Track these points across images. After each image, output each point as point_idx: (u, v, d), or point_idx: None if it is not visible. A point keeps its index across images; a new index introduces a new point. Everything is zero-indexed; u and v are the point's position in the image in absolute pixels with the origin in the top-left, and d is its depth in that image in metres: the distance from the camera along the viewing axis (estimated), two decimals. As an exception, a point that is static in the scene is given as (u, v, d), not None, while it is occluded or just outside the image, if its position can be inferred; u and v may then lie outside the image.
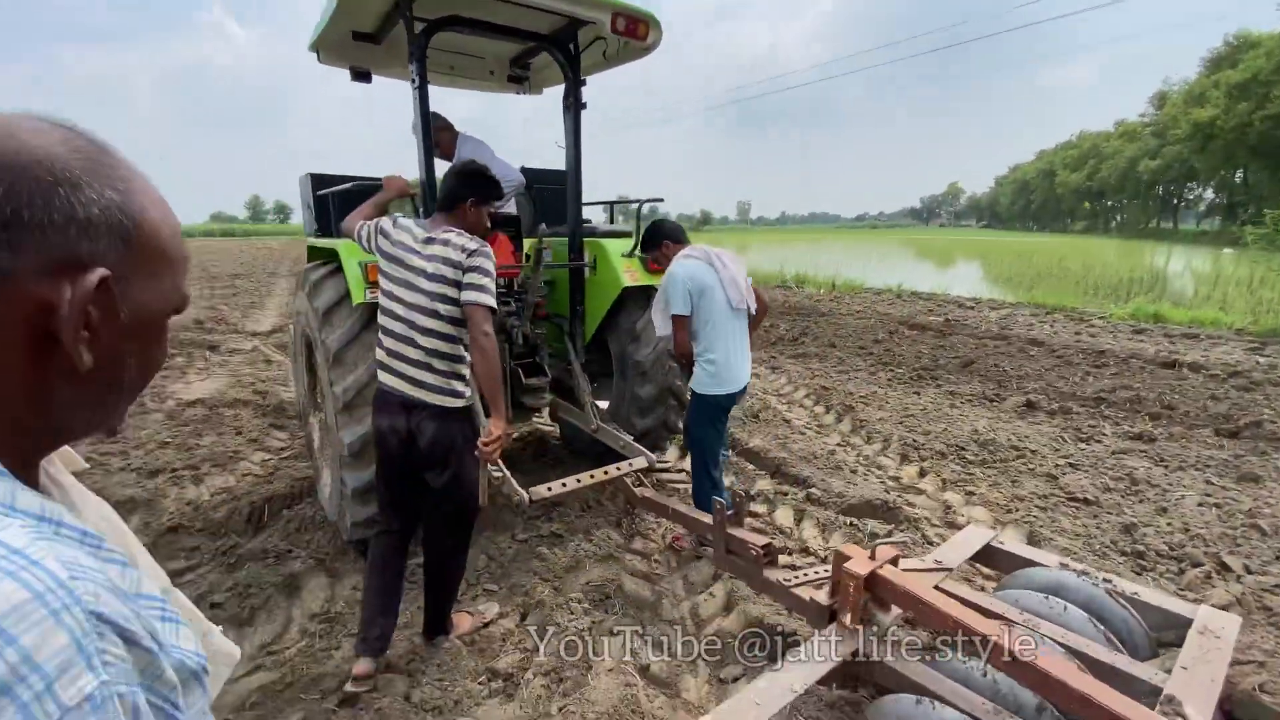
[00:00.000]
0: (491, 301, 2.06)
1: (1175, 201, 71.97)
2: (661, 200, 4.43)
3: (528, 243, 3.59)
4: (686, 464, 3.48)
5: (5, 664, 0.35)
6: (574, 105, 3.34)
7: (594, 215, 4.33)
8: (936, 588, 2.21)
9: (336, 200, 3.18)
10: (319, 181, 3.48)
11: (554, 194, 3.88)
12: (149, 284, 0.53)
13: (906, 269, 21.08)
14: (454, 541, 2.35)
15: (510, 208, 3.65)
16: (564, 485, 2.88)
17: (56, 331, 0.46)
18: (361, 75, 3.56)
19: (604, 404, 3.76)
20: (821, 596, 2.13)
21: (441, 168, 3.30)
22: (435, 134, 3.37)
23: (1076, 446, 4.51)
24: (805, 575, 2.36)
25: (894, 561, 2.07)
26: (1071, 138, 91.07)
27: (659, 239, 3.09)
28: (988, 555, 2.54)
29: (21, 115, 0.49)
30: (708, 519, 2.58)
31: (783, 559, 3.09)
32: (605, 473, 3.12)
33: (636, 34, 3.06)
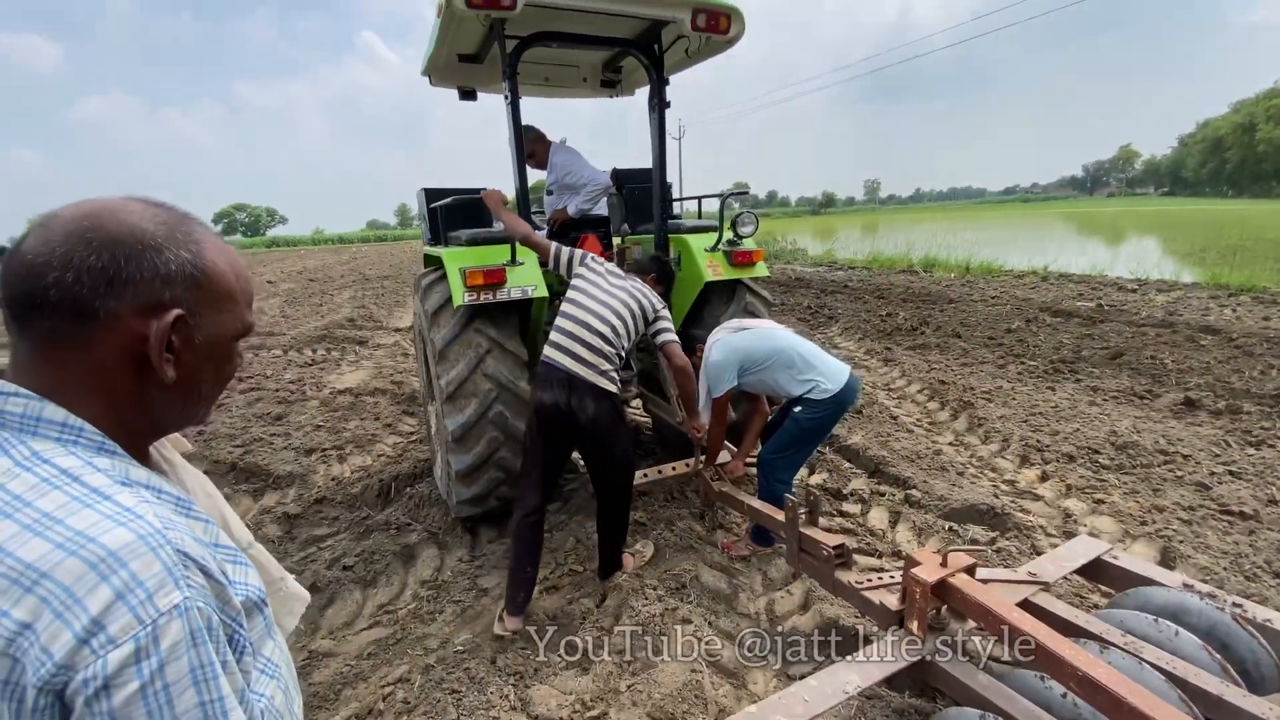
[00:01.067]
0: (677, 338, 2.76)
1: None
2: (745, 192, 4.38)
3: (616, 242, 3.72)
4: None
5: (120, 580, 0.54)
6: (659, 105, 3.41)
7: (710, 206, 4.36)
8: (1027, 601, 2.07)
9: (443, 212, 3.51)
10: (431, 195, 3.85)
11: (645, 193, 3.98)
12: (217, 317, 0.71)
13: (1059, 247, 18.83)
14: (619, 500, 2.73)
15: (601, 209, 3.80)
16: (644, 475, 3.00)
17: (148, 354, 0.65)
18: (468, 94, 3.88)
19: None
20: (892, 601, 2.08)
21: (534, 175, 3.53)
22: (529, 145, 3.59)
23: (1242, 452, 3.89)
24: (881, 579, 2.30)
25: (970, 570, 1.97)
26: (1277, 84, 75.70)
27: (690, 346, 3.18)
28: (1098, 570, 2.31)
29: (124, 199, 0.68)
30: (782, 515, 2.58)
31: (870, 562, 3.01)
32: (686, 465, 3.21)
33: (718, 28, 3.07)
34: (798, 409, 2.90)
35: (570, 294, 2.65)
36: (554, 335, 2.58)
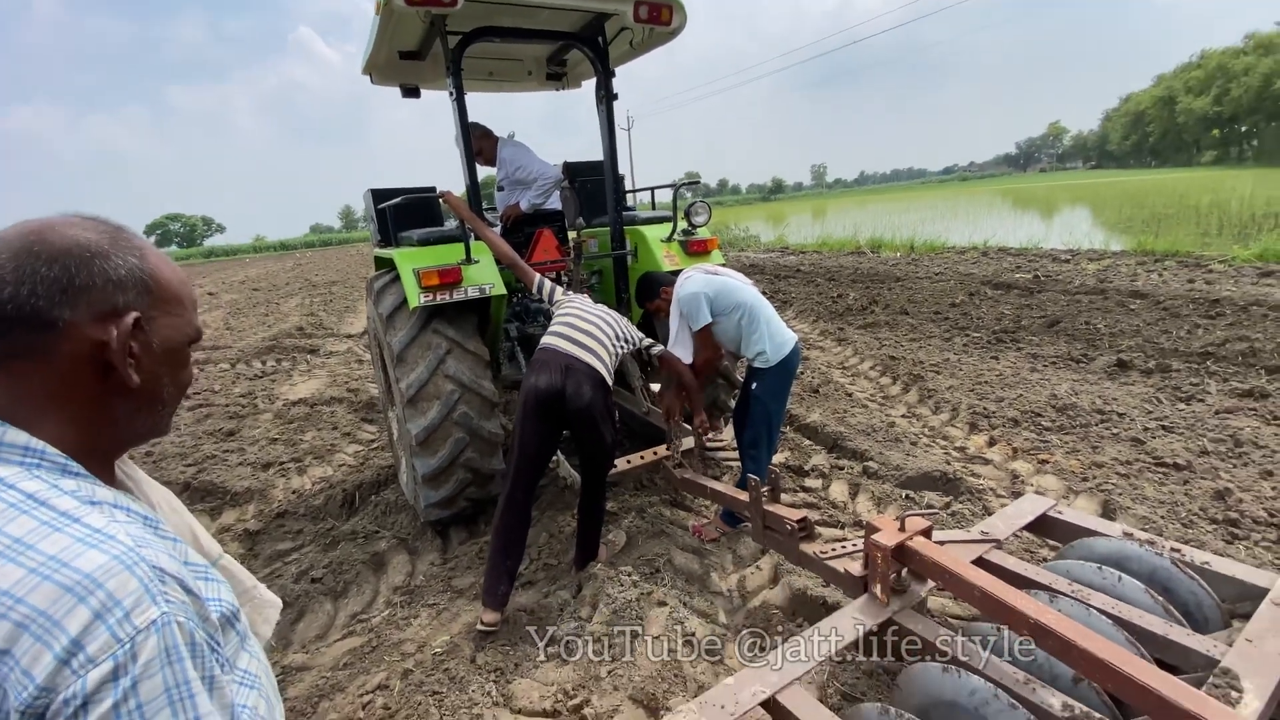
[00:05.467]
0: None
1: (1328, 119, 62.19)
2: (697, 182, 4.45)
3: (571, 235, 3.72)
4: (731, 440, 3.52)
5: (97, 600, 0.53)
6: (606, 98, 3.42)
7: (664, 196, 4.36)
8: (981, 559, 2.19)
9: (392, 212, 3.44)
10: (379, 196, 3.77)
11: (598, 185, 3.99)
12: (169, 321, 0.72)
13: (997, 223, 19.62)
14: (599, 489, 2.81)
15: (554, 203, 3.79)
16: (613, 467, 3.02)
17: (110, 361, 0.65)
18: (411, 92, 3.80)
19: (656, 387, 3.86)
20: (855, 568, 2.16)
21: (483, 171, 3.49)
22: (476, 142, 3.54)
23: (1173, 408, 4.16)
24: (844, 548, 2.39)
25: (926, 533, 2.07)
26: (1191, 58, 79.74)
27: (655, 288, 3.16)
28: (1044, 526, 2.45)
29: (62, 216, 0.68)
30: (745, 496, 2.64)
31: (834, 533, 3.12)
32: (654, 453, 3.25)
33: (660, 19, 3.09)
34: (754, 385, 3.00)
35: (564, 308, 2.80)
36: (554, 328, 2.69)
